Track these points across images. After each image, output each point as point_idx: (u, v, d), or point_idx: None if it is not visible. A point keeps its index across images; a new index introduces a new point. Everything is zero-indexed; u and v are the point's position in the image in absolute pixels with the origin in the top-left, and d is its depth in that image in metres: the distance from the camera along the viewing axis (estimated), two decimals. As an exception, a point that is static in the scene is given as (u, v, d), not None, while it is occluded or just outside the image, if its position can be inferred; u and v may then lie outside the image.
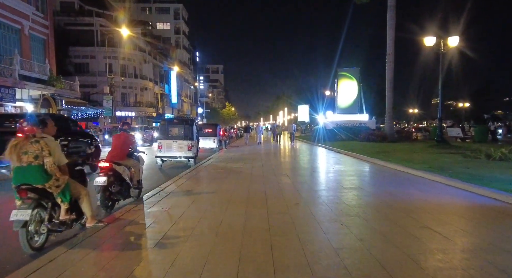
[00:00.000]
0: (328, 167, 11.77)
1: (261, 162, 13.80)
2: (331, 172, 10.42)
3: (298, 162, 13.68)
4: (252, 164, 13.12)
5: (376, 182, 8.58)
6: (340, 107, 27.92)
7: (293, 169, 11.44)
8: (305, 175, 9.93)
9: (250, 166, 12.32)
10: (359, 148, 17.65)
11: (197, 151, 14.73)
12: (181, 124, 13.53)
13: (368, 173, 10.40)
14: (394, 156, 13.12)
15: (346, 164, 12.63)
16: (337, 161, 13.53)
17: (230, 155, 18.02)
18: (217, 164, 13.37)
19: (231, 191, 7.53)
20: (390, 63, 22.68)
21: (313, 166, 12.30)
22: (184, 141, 13.36)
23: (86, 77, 52.58)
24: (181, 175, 10.34)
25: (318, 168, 11.60)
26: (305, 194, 7.02)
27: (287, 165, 12.65)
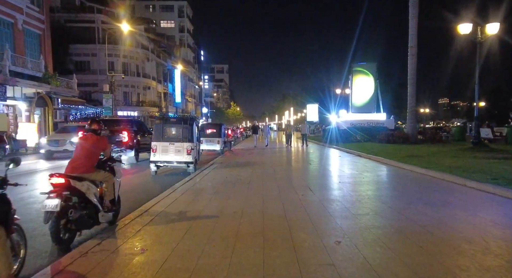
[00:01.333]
0: (356, 175, 9.71)
1: (273, 168, 11.77)
2: (364, 183, 8.37)
3: (317, 169, 11.64)
4: (262, 171, 11.11)
5: (438, 201, 6.51)
6: (355, 106, 25.77)
7: (314, 179, 9.39)
8: (332, 188, 7.88)
9: (260, 174, 10.31)
10: (381, 150, 15.56)
11: (199, 155, 12.75)
12: (179, 124, 11.55)
13: (412, 184, 8.32)
14: (431, 161, 11.03)
15: (377, 172, 10.56)
16: (363, 167, 11.47)
17: (236, 159, 16.01)
18: (221, 171, 11.37)
19: (239, 214, 5.52)
20: (412, 56, 20.55)
21: (337, 173, 10.23)
22: (182, 143, 11.39)
23: (87, 76, 51.00)
24: (175, 187, 8.35)
25: (344, 176, 9.53)
26: (344, 222, 4.98)
27: (304, 173, 10.61)
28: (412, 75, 20.66)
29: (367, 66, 25.51)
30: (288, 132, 23.94)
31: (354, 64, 25.63)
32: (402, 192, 7.37)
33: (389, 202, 6.27)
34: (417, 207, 5.80)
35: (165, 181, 10.21)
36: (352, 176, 9.55)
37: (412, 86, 20.69)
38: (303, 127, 24.45)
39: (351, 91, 25.77)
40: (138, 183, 10.08)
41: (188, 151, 11.36)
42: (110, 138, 15.97)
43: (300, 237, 4.28)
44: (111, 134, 15.87)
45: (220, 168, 12.15)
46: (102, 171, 5.29)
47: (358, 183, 8.37)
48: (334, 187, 7.89)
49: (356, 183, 8.46)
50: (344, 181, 8.66)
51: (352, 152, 16.69)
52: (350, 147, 18.93)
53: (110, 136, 15.81)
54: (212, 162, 14.21)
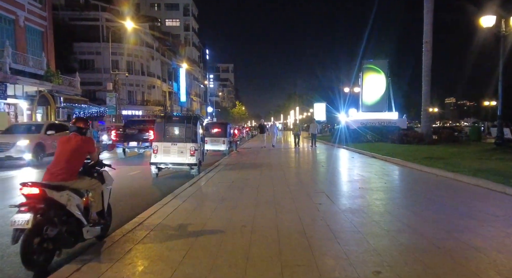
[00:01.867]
0: (376, 179, 8.83)
1: (282, 170, 10.91)
2: (388, 189, 7.48)
3: (331, 172, 10.75)
4: (271, 173, 10.25)
5: (481, 214, 5.62)
6: (366, 104, 24.78)
7: (330, 184, 8.51)
8: (353, 195, 6.99)
9: (269, 177, 9.46)
10: (396, 151, 14.63)
11: (203, 156, 11.93)
12: (181, 123, 10.73)
13: (442, 191, 7.41)
14: (456, 163, 10.09)
15: (399, 176, 9.67)
16: (381, 170, 10.57)
17: (242, 159, 15.17)
18: (227, 173, 10.53)
19: (248, 229, 4.67)
20: (427, 52, 19.56)
21: (354, 177, 9.34)
22: (185, 144, 10.58)
23: (91, 75, 50.52)
24: (177, 192, 7.53)
25: (363, 181, 8.64)
26: (377, 242, 4.10)
27: (318, 177, 9.72)
28: (427, 72, 19.68)
29: (378, 63, 24.49)
30: (296, 131, 22.48)
31: (364, 61, 24.60)
32: (433, 200, 6.47)
33: (423, 213, 5.39)
34: (459, 221, 4.91)
35: (166, 185, 9.40)
36: (372, 180, 8.66)
37: (426, 84, 19.71)
38: (312, 126, 22.34)
39: (362, 89, 24.78)
40: (137, 187, 9.28)
41: (192, 152, 10.54)
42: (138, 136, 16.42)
43: (327, 264, 3.42)
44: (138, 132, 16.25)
45: (226, 170, 11.32)
46: (88, 178, 4.48)
47: (381, 189, 7.48)
48: (354, 194, 7.00)
49: (379, 188, 7.57)
50: (364, 187, 7.78)
51: (364, 153, 15.76)
52: (361, 147, 18.00)
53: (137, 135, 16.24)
54: (218, 163, 13.39)
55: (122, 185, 9.58)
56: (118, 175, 11.47)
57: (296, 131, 22.45)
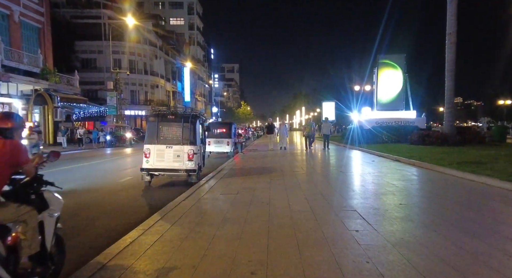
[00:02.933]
0: (416, 192, 7.17)
1: (296, 178, 9.29)
2: (441, 209, 5.81)
3: (354, 180, 9.11)
4: (283, 181, 8.63)
5: None
6: (381, 103, 23.01)
7: (358, 197, 6.84)
8: (395, 216, 5.30)
9: (281, 187, 7.85)
10: (423, 154, 12.93)
11: (203, 160, 10.35)
12: (178, 122, 9.17)
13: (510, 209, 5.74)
14: (504, 169, 8.39)
15: (441, 187, 7.99)
16: (415, 178, 8.92)
17: (248, 163, 13.57)
18: (230, 182, 8.93)
19: (260, 276, 3.06)
20: (451, 44, 17.79)
21: (386, 189, 7.64)
22: (182, 146, 9.03)
23: (93, 74, 49.37)
24: (166, 209, 5.95)
25: (400, 194, 6.96)
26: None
27: (342, 187, 8.05)
28: (451, 67, 17.90)
29: (395, 58, 22.72)
30: (307, 132, 19.40)
31: (379, 56, 22.81)
32: (509, 224, 4.81)
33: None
34: None
35: (158, 197, 7.84)
36: (411, 193, 7.00)
37: (450, 79, 17.94)
38: (325, 126, 19.85)
39: (376, 86, 23.03)
40: (123, 199, 7.71)
41: (190, 156, 8.97)
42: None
43: None
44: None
45: (229, 177, 9.71)
46: (14, 204, 2.91)
47: (430, 207, 5.82)
48: (397, 214, 5.34)
49: (427, 206, 5.91)
50: (406, 203, 6.10)
51: (385, 156, 14.07)
52: (378, 149, 16.30)
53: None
54: (221, 168, 11.79)
55: (106, 196, 8.03)
56: (105, 183, 10.07)
57: (308, 132, 19.42)
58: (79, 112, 37.12)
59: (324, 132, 19.64)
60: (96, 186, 9.52)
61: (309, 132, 19.63)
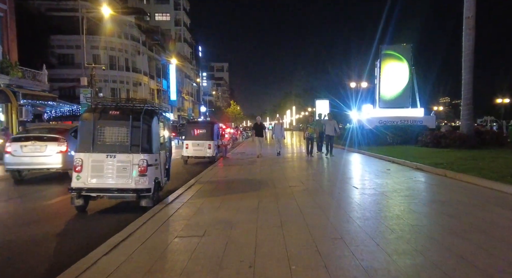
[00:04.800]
0: (496, 229, 4.52)
1: (295, 199, 6.55)
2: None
3: (382, 206, 6.43)
4: (277, 206, 5.91)
5: None
6: (384, 99, 20.41)
7: (406, 245, 4.15)
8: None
9: (275, 220, 5.11)
10: (448, 160, 10.37)
11: (166, 173, 7.55)
12: (124, 120, 6.35)
13: None
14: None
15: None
16: (469, 201, 6.29)
17: (232, 173, 10.80)
18: (201, 206, 6.15)
19: None
20: (469, 31, 15.30)
21: (439, 222, 4.99)
22: (130, 155, 6.23)
23: (70, 70, 45.99)
24: (78, 267, 3.12)
25: (478, 239, 4.32)
26: None
27: (366, 218, 5.33)
28: (469, 57, 15.41)
29: (400, 49, 20.14)
30: (310, 134, 14.91)
31: (383, 46, 20.20)
32: None
33: None
34: None
35: (84, 233, 5.03)
36: (499, 235, 4.34)
37: (468, 72, 15.45)
38: (329, 125, 15.14)
39: (379, 81, 20.43)
40: (19, 243, 4.86)
41: (142, 169, 6.18)
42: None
43: None
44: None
45: (202, 197, 6.94)
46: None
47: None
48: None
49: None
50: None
51: (401, 162, 11.44)
52: (388, 153, 13.71)
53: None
54: (194, 181, 9.00)
55: (8, 234, 5.17)
56: (24, 206, 7.01)
57: (311, 134, 15.08)
58: (50, 111, 33.86)
59: (327, 133, 15.23)
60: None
61: (312, 133, 15.13)
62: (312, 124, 15.66)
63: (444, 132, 15.56)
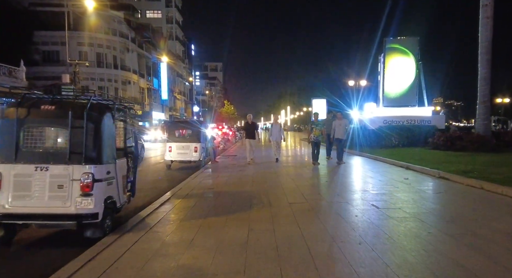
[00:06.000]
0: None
1: (297, 225, 4.82)
2: None
3: (420, 239, 4.73)
4: (274, 236, 4.19)
5: None
6: (389, 97, 18.76)
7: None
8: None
9: (271, 264, 3.35)
10: (474, 166, 8.75)
11: (128, 189, 5.78)
12: (61, 118, 4.57)
13: None
14: None
15: None
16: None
17: (218, 183, 9.04)
18: (168, 239, 4.38)
19: None
20: (487, 19, 13.73)
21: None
22: (69, 168, 4.46)
23: (56, 67, 43.81)
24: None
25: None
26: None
27: (404, 262, 3.62)
28: (486, 49, 13.84)
29: (406, 42, 18.49)
30: (315, 137, 11.92)
31: (387, 39, 18.53)
32: None
33: None
34: None
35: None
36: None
37: (485, 66, 13.88)
38: (339, 125, 12.25)
39: (383, 78, 18.77)
40: None
41: (85, 186, 4.42)
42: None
43: None
44: None
45: (172, 221, 5.18)
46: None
47: None
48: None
49: None
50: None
51: (417, 169, 9.76)
52: (397, 157, 12.08)
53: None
54: (171, 194, 7.22)
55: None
56: None
57: (317, 136, 12.05)
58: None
59: (337, 136, 12.26)
60: None
61: (318, 136, 12.09)
62: (318, 124, 12.45)
63: (460, 134, 13.93)
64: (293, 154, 18.74)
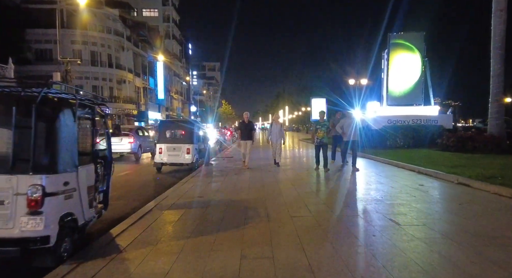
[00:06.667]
0: None
1: (303, 250, 3.86)
2: None
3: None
4: (273, 264, 3.19)
5: None
6: (393, 96, 17.81)
7: None
8: None
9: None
10: (494, 171, 7.80)
11: (98, 201, 4.81)
12: (1, 115, 3.60)
13: None
14: None
15: None
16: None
17: (210, 189, 8.07)
18: (143, 263, 3.39)
19: None
20: (501, 12, 12.83)
21: None
22: (10, 178, 3.47)
23: (48, 66, 42.71)
24: None
25: None
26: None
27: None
28: (499, 44, 12.95)
29: (411, 37, 17.53)
30: (320, 138, 10.38)
31: (391, 35, 17.56)
32: None
33: None
34: None
35: None
36: None
37: (498, 61, 12.99)
38: (347, 124, 10.59)
39: (387, 75, 17.82)
40: None
41: (32, 202, 3.43)
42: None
43: None
44: None
45: (148, 244, 4.20)
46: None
47: None
48: None
49: None
50: None
51: (431, 173, 8.82)
52: (406, 159, 11.17)
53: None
54: (154, 204, 6.26)
55: None
56: None
57: (322, 138, 10.41)
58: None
59: (348, 138, 10.42)
60: None
61: (323, 138, 10.41)
62: (324, 125, 10.67)
63: (471, 134, 13.02)
64: (293, 156, 17.76)
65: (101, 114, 5.11)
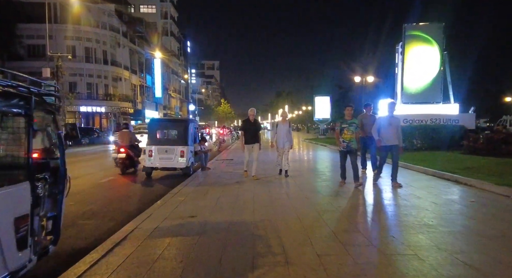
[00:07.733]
0: None
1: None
2: None
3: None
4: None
5: None
6: (408, 93, 16.24)
7: None
8: None
9: None
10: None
11: (51, 231, 3.23)
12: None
13: None
14: None
15: None
16: None
17: (205, 206, 6.51)
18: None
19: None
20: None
21: None
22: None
23: (41, 62, 41.07)
24: None
25: None
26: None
27: None
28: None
29: (429, 29, 15.94)
30: (347, 143, 7.62)
31: (407, 26, 15.95)
32: None
33: None
34: None
35: None
36: None
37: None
38: (389, 124, 7.64)
39: (402, 70, 16.24)
40: None
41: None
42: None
43: None
44: None
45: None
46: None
47: None
48: None
49: None
50: None
51: (475, 184, 7.28)
52: (428, 164, 9.67)
53: None
54: (132, 229, 4.73)
55: None
56: None
57: (350, 141, 7.62)
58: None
59: (386, 142, 7.64)
60: None
61: (351, 141, 7.68)
62: (352, 124, 7.73)
63: (504, 136, 11.51)
64: (302, 159, 16.08)
65: (48, 109, 3.56)
